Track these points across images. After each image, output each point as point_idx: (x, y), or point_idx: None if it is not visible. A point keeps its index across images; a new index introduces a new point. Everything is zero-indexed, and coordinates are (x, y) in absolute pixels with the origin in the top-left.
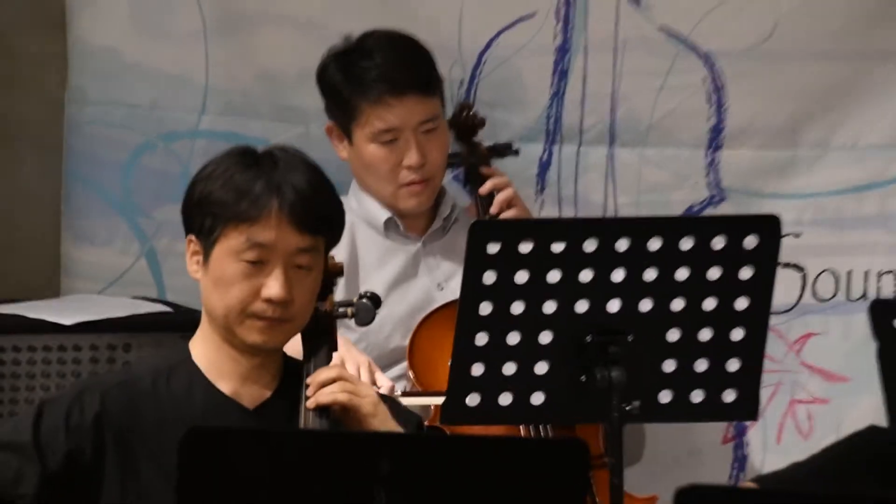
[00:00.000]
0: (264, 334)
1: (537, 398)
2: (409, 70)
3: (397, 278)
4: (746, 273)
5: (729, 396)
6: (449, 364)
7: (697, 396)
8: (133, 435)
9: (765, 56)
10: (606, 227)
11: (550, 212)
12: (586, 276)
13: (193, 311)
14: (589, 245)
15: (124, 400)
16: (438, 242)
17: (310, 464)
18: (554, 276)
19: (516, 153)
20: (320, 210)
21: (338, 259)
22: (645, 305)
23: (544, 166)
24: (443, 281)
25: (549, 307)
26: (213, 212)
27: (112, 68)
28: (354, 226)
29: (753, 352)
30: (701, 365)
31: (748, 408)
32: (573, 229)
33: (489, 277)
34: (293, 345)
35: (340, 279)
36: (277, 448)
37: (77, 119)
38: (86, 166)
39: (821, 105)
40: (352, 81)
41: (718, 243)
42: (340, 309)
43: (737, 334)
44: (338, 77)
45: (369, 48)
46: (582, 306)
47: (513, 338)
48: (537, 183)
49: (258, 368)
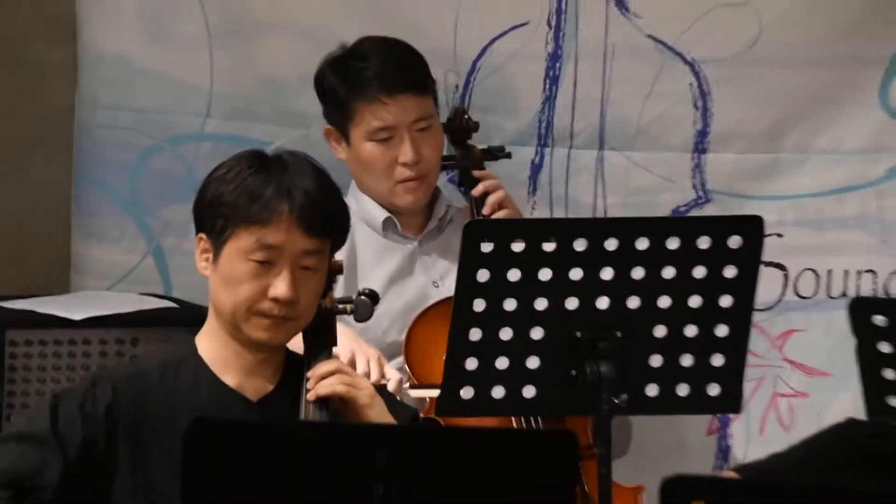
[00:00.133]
0: (270, 332)
1: (529, 391)
2: (403, 70)
3: (394, 276)
4: (730, 272)
5: (713, 390)
6: (443, 358)
7: (683, 390)
8: (142, 426)
9: (748, 64)
10: (596, 228)
11: (542, 212)
12: (576, 275)
13: (199, 307)
14: (579, 244)
15: (134, 392)
16: (434, 242)
17: (310, 454)
18: (545, 275)
19: (509, 156)
20: (328, 214)
21: (338, 258)
22: (633, 303)
23: (536, 169)
24: (438, 278)
25: (541, 304)
26: (225, 213)
27: (120, 75)
28: (353, 225)
29: (737, 347)
30: (686, 360)
31: (732, 401)
32: (564, 229)
33: (483, 275)
34: (294, 340)
35: (340, 277)
36: (279, 439)
37: (87, 123)
38: (95, 168)
39: (802, 111)
40: (348, 83)
41: (703, 243)
42: (340, 305)
43: (721, 331)
44: (334, 80)
45: (364, 51)
46: (572, 303)
47: (505, 333)
48: (529, 184)
49: (262, 363)
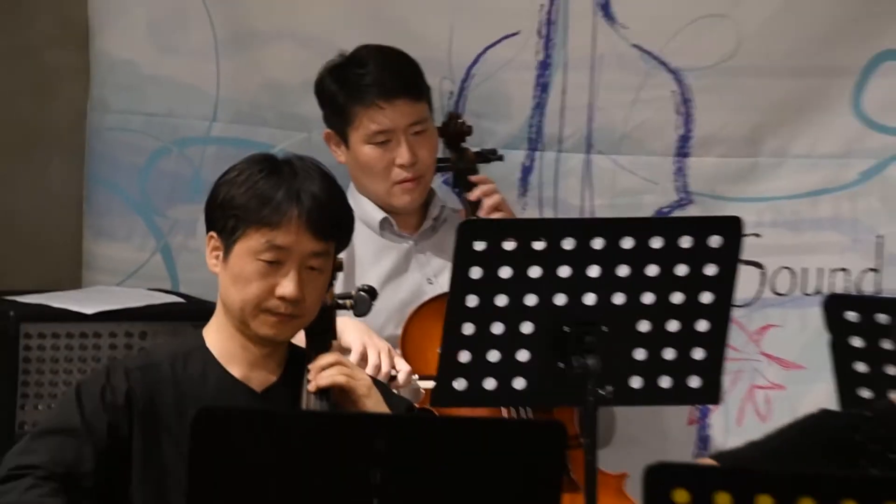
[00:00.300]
0: (276, 328)
1: (519, 383)
2: (399, 77)
3: (391, 273)
4: (711, 270)
5: (694, 382)
6: (438, 351)
7: (665, 382)
8: (154, 415)
9: (729, 72)
10: (583, 227)
11: (532, 213)
12: (564, 272)
13: (205, 302)
14: (567, 243)
15: (146, 382)
16: (429, 241)
17: (311, 442)
18: (535, 272)
19: (501, 159)
20: (334, 217)
21: (338, 256)
22: (618, 299)
23: (526, 171)
24: (432, 276)
25: (531, 300)
26: (237, 214)
27: (131, 80)
28: None
29: (717, 342)
30: (669, 353)
31: (711, 393)
32: (553, 229)
33: (475, 272)
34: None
35: (340, 273)
36: (282, 427)
37: (98, 126)
38: (106, 169)
39: (780, 117)
40: (347, 89)
41: (685, 242)
42: (340, 301)
43: (702, 325)
44: (334, 86)
45: (362, 59)
46: (560, 299)
47: (497, 328)
48: (520, 186)
49: (266, 356)
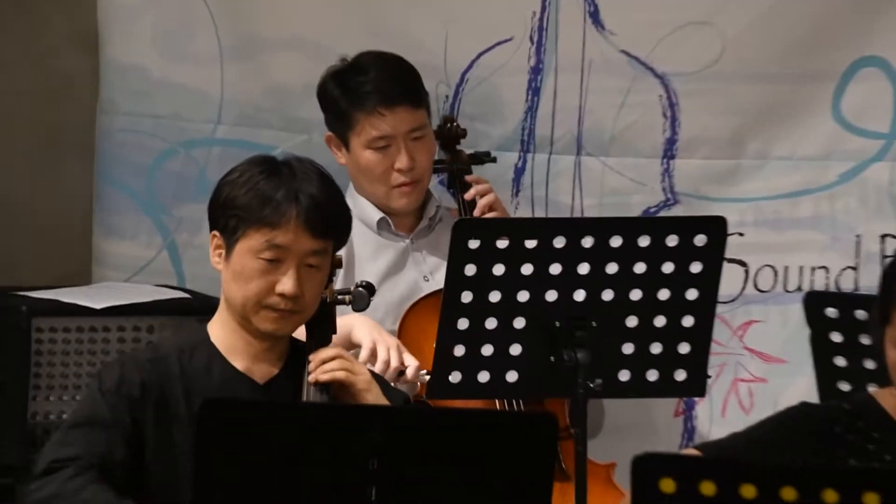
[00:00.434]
0: (276, 323)
1: (512, 376)
2: (400, 84)
3: (388, 271)
4: (696, 267)
5: (680, 375)
6: (434, 345)
7: (652, 375)
8: (164, 405)
9: (713, 77)
10: (573, 226)
11: (524, 212)
12: (555, 269)
13: (209, 298)
14: (558, 242)
15: (156, 374)
16: (425, 239)
17: (311, 432)
18: (527, 269)
19: (494, 160)
20: (331, 217)
21: (337, 253)
22: (607, 295)
23: (519, 172)
24: (428, 273)
25: (523, 296)
26: (238, 214)
27: (139, 84)
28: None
29: (702, 337)
30: (655, 348)
31: (697, 385)
32: (544, 228)
33: (470, 270)
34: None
35: (339, 270)
36: (283, 418)
37: (108, 128)
38: (115, 169)
39: (761, 121)
40: (349, 95)
41: (671, 241)
42: (340, 296)
43: (687, 321)
44: (336, 92)
45: (363, 66)
46: (551, 296)
47: (490, 323)
48: (513, 187)
49: (268, 349)
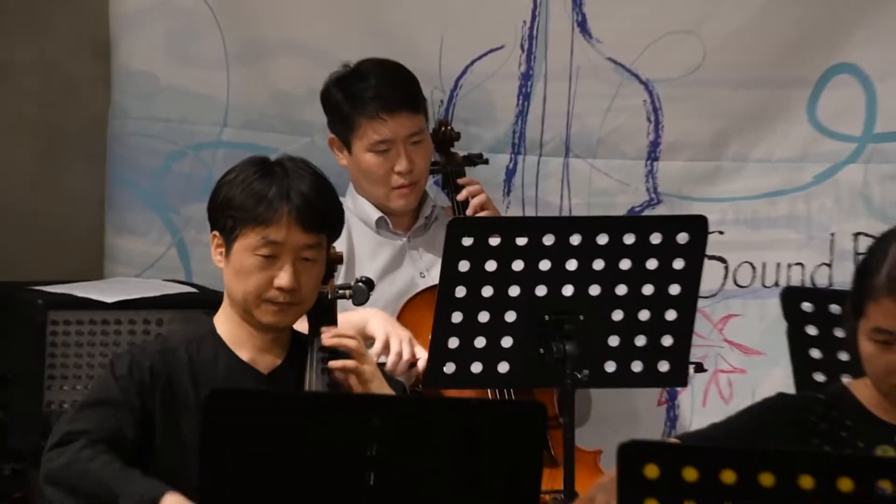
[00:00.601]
0: (277, 316)
1: (503, 367)
2: (399, 91)
3: (386, 267)
4: (678, 264)
5: (663, 367)
6: (429, 338)
7: (637, 366)
8: (172, 394)
9: (695, 83)
10: (562, 225)
11: (515, 211)
12: (545, 266)
13: (216, 292)
14: (547, 239)
15: (165, 364)
16: (421, 238)
17: (313, 420)
18: (518, 265)
19: (486, 162)
20: (323, 212)
21: (338, 251)
22: (594, 290)
23: (510, 173)
24: (424, 269)
25: (514, 291)
26: (234, 214)
27: (149, 89)
28: (350, 223)
29: (684, 329)
30: (640, 340)
31: (679, 376)
32: (534, 226)
33: (464, 266)
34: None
35: (340, 266)
36: (287, 407)
37: (119, 131)
38: (126, 171)
39: (741, 124)
40: (351, 100)
41: (655, 239)
42: (340, 291)
43: (670, 315)
44: (339, 97)
45: (365, 73)
46: (541, 291)
47: (483, 316)
48: (504, 187)
49: (271, 341)
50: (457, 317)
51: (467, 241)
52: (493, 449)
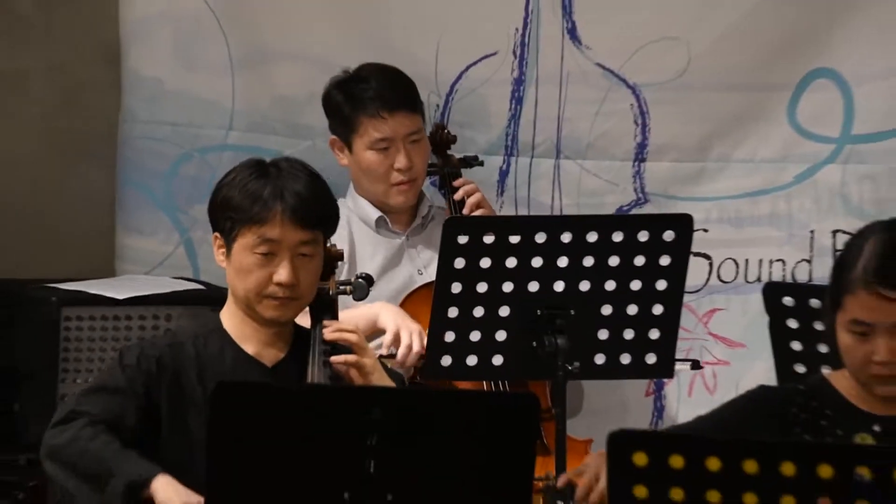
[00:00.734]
0: (278, 311)
1: (497, 360)
2: (398, 91)
3: (386, 265)
4: (665, 260)
5: (651, 359)
6: (426, 332)
7: (625, 359)
8: (179, 387)
9: (680, 88)
10: (553, 223)
11: (508, 211)
12: (537, 263)
13: (222, 289)
14: (539, 237)
15: (173, 357)
16: (419, 236)
17: (316, 411)
18: (511, 262)
19: (481, 164)
20: (316, 210)
21: (339, 248)
22: (584, 286)
23: (504, 174)
24: (422, 267)
25: (507, 287)
26: (232, 215)
27: (157, 94)
28: (351, 222)
29: (670, 323)
30: (628, 334)
31: (666, 368)
32: (526, 224)
33: (459, 263)
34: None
35: (341, 263)
36: (290, 399)
37: (129, 135)
38: (136, 173)
39: (724, 127)
40: (352, 101)
41: (643, 236)
42: (341, 287)
43: (657, 309)
44: (340, 98)
45: (365, 75)
46: (533, 286)
47: (478, 311)
48: (498, 188)
49: (275, 335)
50: (453, 312)
51: (463, 240)
52: (488, 438)
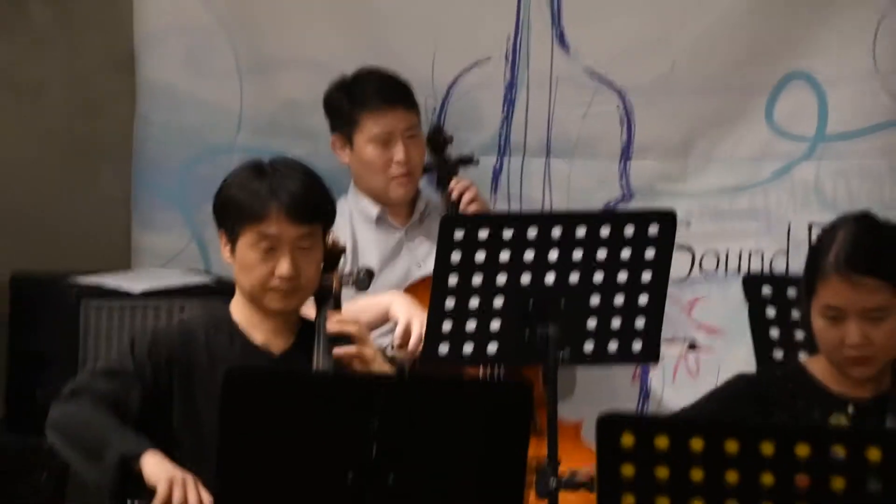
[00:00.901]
0: (282, 302)
1: (492, 348)
2: (396, 89)
3: (386, 258)
4: (650, 253)
5: (637, 346)
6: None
7: (613, 346)
8: (191, 373)
9: (664, 90)
10: (544, 219)
11: (501, 207)
12: (529, 256)
13: (231, 282)
14: (531, 232)
15: (185, 346)
16: (417, 230)
17: (322, 397)
18: (504, 256)
19: (476, 163)
20: (311, 206)
21: (341, 243)
22: (573, 278)
23: (497, 173)
24: (420, 260)
25: (501, 279)
26: (233, 215)
27: (170, 99)
28: (353, 218)
29: (655, 312)
30: (616, 322)
31: (651, 354)
32: (519, 220)
33: (456, 256)
34: (305, 308)
35: (344, 257)
36: (298, 385)
37: (143, 138)
38: (150, 174)
39: (705, 126)
40: (353, 99)
41: (629, 231)
42: (344, 279)
43: (643, 299)
44: (341, 98)
45: (364, 76)
46: (526, 278)
47: (473, 302)
48: (491, 186)
49: (282, 325)
50: (450, 302)
51: (459, 234)
52: (485, 422)
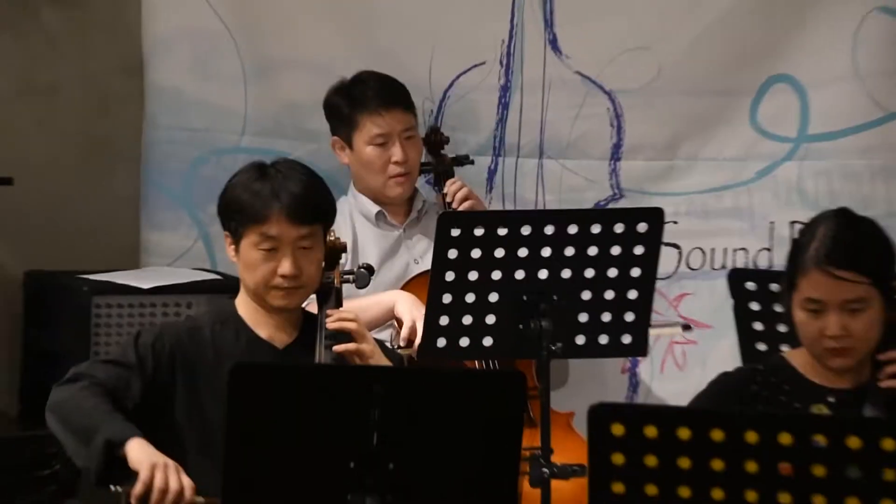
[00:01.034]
0: (285, 299)
1: (487, 341)
2: (394, 91)
3: (385, 255)
4: (639, 250)
5: (626, 339)
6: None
7: (603, 339)
8: (197, 366)
9: (652, 93)
10: (537, 217)
11: (496, 206)
12: (523, 253)
13: (237, 279)
14: (524, 230)
15: (191, 340)
16: (414, 229)
17: (324, 388)
18: (499, 253)
19: (472, 163)
20: (311, 207)
21: (342, 241)
22: (565, 273)
23: (492, 173)
24: (418, 257)
25: (496, 275)
26: (236, 216)
27: (177, 102)
28: (353, 217)
29: (644, 307)
30: (606, 316)
31: (640, 347)
32: (513, 218)
33: (452, 253)
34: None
35: (345, 255)
36: (301, 378)
37: (151, 139)
38: (158, 174)
39: (692, 128)
40: (352, 101)
41: (618, 228)
42: (345, 277)
43: (632, 294)
44: (340, 100)
45: (363, 79)
46: (520, 274)
47: (469, 297)
48: (487, 185)
49: (285, 320)
50: (447, 298)
51: (455, 232)
52: (480, 412)
